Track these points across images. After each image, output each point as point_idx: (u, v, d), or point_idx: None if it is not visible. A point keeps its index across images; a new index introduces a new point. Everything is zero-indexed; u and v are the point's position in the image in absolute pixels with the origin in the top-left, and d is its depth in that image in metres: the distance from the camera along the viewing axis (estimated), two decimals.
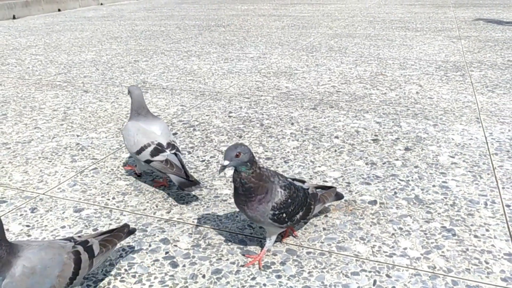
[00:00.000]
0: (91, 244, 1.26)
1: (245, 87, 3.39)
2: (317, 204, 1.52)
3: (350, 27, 6.08)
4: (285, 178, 1.44)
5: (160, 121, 1.91)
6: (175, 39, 5.60)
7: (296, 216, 1.43)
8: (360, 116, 2.71)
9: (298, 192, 1.43)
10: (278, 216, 1.37)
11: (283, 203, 1.37)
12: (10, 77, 3.92)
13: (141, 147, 1.80)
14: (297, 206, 1.42)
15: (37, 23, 7.81)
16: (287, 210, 1.39)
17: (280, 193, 1.37)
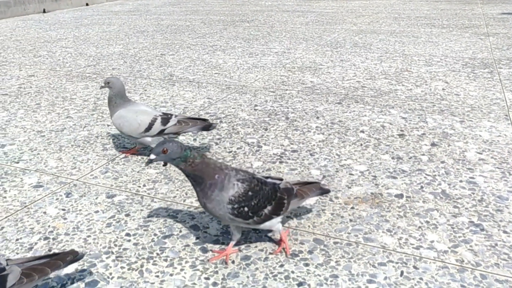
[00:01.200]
0: (7, 273, 1.08)
1: (270, 81, 3.42)
2: (293, 199, 1.45)
3: (374, 24, 6.03)
4: (246, 173, 1.39)
5: (141, 103, 2.18)
6: (200, 34, 5.66)
7: (264, 211, 1.38)
8: (385, 111, 2.71)
9: (262, 185, 1.38)
10: (239, 210, 1.33)
11: (242, 196, 1.33)
12: (42, 69, 4.03)
13: (149, 123, 2.03)
14: (263, 200, 1.37)
15: (66, 16, 7.97)
16: (249, 203, 1.34)
17: (236, 185, 1.33)
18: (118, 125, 2.08)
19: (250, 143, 2.30)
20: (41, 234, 1.56)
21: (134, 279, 1.34)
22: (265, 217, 1.39)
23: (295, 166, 2.03)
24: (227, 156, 2.16)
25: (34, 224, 1.62)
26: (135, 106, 2.09)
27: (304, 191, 1.50)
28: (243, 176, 1.37)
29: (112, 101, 2.09)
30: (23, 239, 1.53)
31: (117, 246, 1.49)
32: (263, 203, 1.37)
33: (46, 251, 1.47)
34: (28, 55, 4.68)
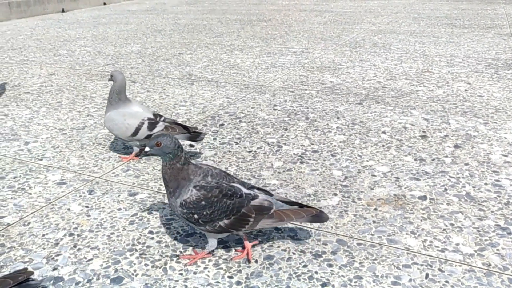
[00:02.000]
0: None
1: (289, 81, 3.41)
2: (265, 218, 1.38)
3: (393, 23, 5.97)
4: (220, 180, 1.37)
5: (135, 102, 2.13)
6: (218, 33, 5.67)
7: (219, 223, 1.35)
8: (407, 112, 2.68)
9: (224, 198, 1.34)
10: (188, 215, 1.34)
11: (193, 203, 1.32)
12: (63, 67, 4.08)
13: (135, 128, 2.00)
14: (218, 212, 1.33)
15: (84, 16, 8.06)
16: (200, 212, 1.32)
17: (191, 191, 1.33)
18: (108, 128, 2.06)
19: (270, 143, 2.29)
20: (66, 230, 1.58)
21: (158, 276, 1.35)
22: (220, 229, 1.36)
23: (316, 167, 2.02)
24: (248, 155, 2.16)
25: (59, 220, 1.64)
26: (127, 108, 2.03)
27: (287, 214, 1.40)
28: (205, 183, 1.34)
29: (110, 97, 2.06)
30: (49, 235, 1.55)
31: (141, 244, 1.50)
32: (218, 215, 1.34)
33: (72, 247, 1.49)
34: (48, 54, 4.74)
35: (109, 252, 1.46)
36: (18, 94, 3.25)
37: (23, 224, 1.62)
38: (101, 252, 1.46)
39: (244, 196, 1.37)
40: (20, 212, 1.70)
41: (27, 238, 1.54)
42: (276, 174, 1.97)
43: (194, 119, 2.65)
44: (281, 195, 1.78)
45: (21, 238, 1.54)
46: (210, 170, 1.39)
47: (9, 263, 1.41)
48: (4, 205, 1.75)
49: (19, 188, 1.89)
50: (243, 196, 1.37)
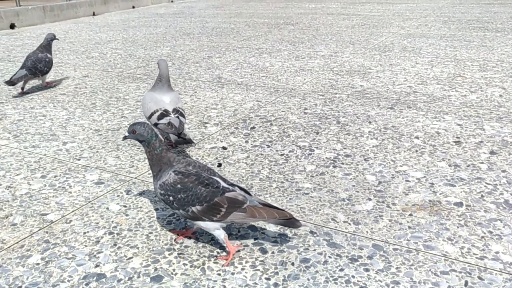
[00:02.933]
0: None
1: (318, 84, 3.41)
2: (237, 211, 1.41)
3: (423, 27, 5.90)
4: (196, 169, 1.45)
5: (173, 93, 2.28)
6: (246, 36, 5.71)
7: (192, 208, 1.41)
8: (439, 117, 2.65)
9: (200, 185, 1.41)
10: (164, 197, 1.44)
11: (169, 185, 1.43)
12: (95, 69, 4.18)
13: (151, 112, 2.19)
14: (192, 198, 1.41)
15: (114, 19, 8.23)
16: (175, 195, 1.42)
17: (169, 175, 1.44)
18: (141, 104, 2.30)
19: (302, 147, 2.30)
20: (105, 229, 1.63)
21: (197, 276, 1.38)
22: (193, 215, 1.43)
23: (350, 171, 2.02)
24: (280, 159, 2.17)
25: (98, 219, 1.69)
26: (158, 94, 2.24)
27: (260, 212, 1.42)
28: (185, 170, 1.45)
29: (155, 81, 2.30)
30: (90, 233, 1.60)
31: (179, 244, 1.53)
32: (191, 201, 1.41)
33: (112, 245, 1.53)
34: (81, 56, 4.86)
35: (148, 251, 1.50)
36: (55, 96, 3.34)
37: (65, 222, 1.68)
38: (140, 251, 1.50)
39: (221, 188, 1.44)
40: (62, 210, 1.76)
41: (70, 235, 1.59)
42: (309, 177, 1.98)
43: (225, 122, 2.68)
44: (314, 199, 1.79)
45: (64, 235, 1.59)
46: (195, 163, 1.50)
47: (54, 258, 1.47)
48: (46, 202, 1.82)
49: (60, 186, 1.95)
50: (219, 187, 1.44)
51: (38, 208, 1.78)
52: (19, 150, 2.34)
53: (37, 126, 2.71)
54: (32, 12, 7.56)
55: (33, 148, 2.38)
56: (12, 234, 1.61)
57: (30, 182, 1.99)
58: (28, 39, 6.12)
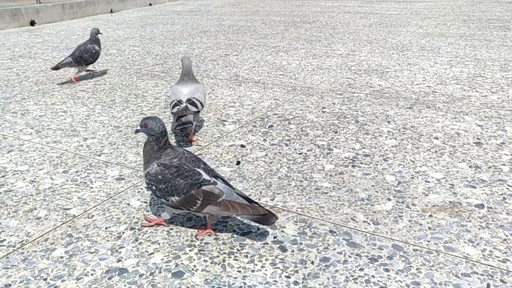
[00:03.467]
0: None
1: (336, 83, 3.40)
2: (212, 204, 1.48)
3: (442, 26, 5.84)
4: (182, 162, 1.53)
5: (194, 85, 2.42)
6: (262, 34, 5.71)
7: (171, 199, 1.52)
8: (459, 118, 2.62)
9: (179, 177, 1.51)
10: (149, 185, 1.56)
11: (152, 176, 1.54)
12: (114, 66, 4.23)
13: (170, 102, 2.37)
14: (171, 189, 1.51)
15: (132, 16, 8.30)
16: (157, 185, 1.53)
17: (154, 166, 1.55)
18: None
19: (321, 146, 2.30)
20: (127, 224, 1.65)
21: (217, 272, 1.39)
22: (173, 204, 1.53)
23: (369, 171, 2.02)
24: (298, 157, 2.18)
25: (120, 214, 1.72)
26: (181, 86, 2.40)
27: (234, 206, 1.48)
28: (168, 163, 1.54)
29: (180, 75, 2.48)
30: (111, 228, 1.63)
31: (199, 240, 1.55)
32: (171, 191, 1.51)
33: (133, 240, 1.55)
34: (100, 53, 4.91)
35: (169, 247, 1.52)
36: (75, 92, 3.39)
37: (87, 217, 1.71)
38: (161, 247, 1.52)
39: (201, 180, 1.51)
40: (84, 205, 1.79)
41: (92, 230, 1.62)
42: (328, 177, 1.98)
43: (243, 120, 2.69)
44: (333, 198, 1.80)
45: (87, 230, 1.62)
46: (184, 155, 1.58)
47: (77, 252, 1.49)
48: (69, 197, 1.85)
49: (81, 182, 1.98)
50: (199, 180, 1.51)
51: (61, 203, 1.81)
52: (42, 145, 2.39)
53: (58, 122, 2.75)
54: (52, 9, 7.67)
55: (55, 143, 2.42)
56: (37, 228, 1.64)
57: (52, 177, 2.03)
58: (48, 36, 6.21)
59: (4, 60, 4.62)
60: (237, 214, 1.49)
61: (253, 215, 1.48)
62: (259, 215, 1.48)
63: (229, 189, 1.53)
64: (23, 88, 3.54)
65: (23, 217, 1.71)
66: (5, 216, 1.72)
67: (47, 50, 5.15)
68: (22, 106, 3.07)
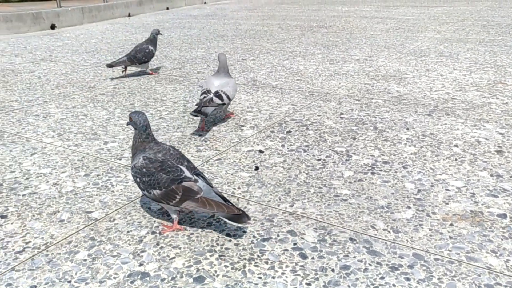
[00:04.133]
0: None
1: (354, 89, 3.39)
2: (189, 200, 1.56)
3: (460, 32, 5.78)
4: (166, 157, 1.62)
5: (225, 79, 2.70)
6: (279, 39, 5.73)
7: (153, 191, 1.60)
8: (479, 125, 2.60)
9: (161, 172, 1.59)
10: (134, 177, 1.65)
11: (138, 169, 1.63)
12: (132, 70, 4.28)
13: (201, 90, 2.67)
14: (153, 182, 1.59)
15: (149, 20, 8.39)
16: (141, 178, 1.62)
17: (139, 159, 1.64)
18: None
19: (339, 152, 2.30)
20: (148, 228, 1.67)
21: (238, 278, 1.40)
22: (154, 197, 1.61)
23: (388, 178, 2.01)
24: (317, 164, 2.18)
25: (141, 218, 1.74)
26: (215, 78, 2.70)
27: (210, 204, 1.55)
28: (153, 157, 1.63)
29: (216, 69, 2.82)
30: (133, 232, 1.65)
31: (219, 245, 1.56)
32: (153, 184, 1.59)
33: (155, 245, 1.57)
34: (119, 57, 4.98)
35: (190, 252, 1.53)
36: (95, 95, 3.44)
37: (109, 220, 1.73)
38: (182, 251, 1.53)
39: (182, 176, 1.59)
40: (106, 208, 1.82)
41: (114, 233, 1.65)
42: (347, 184, 1.97)
43: (261, 125, 2.70)
44: (353, 205, 1.79)
45: (109, 233, 1.65)
46: (169, 151, 1.66)
47: (100, 255, 1.52)
48: (91, 200, 1.88)
49: (103, 185, 2.01)
50: (180, 176, 1.59)
51: (83, 206, 1.84)
52: (63, 149, 2.43)
53: (79, 125, 2.80)
54: (72, 13, 7.80)
55: (76, 146, 2.46)
56: (60, 230, 1.67)
57: (74, 180, 2.07)
58: (67, 39, 6.32)
59: (26, 63, 4.71)
60: (212, 212, 1.56)
61: (228, 214, 1.55)
62: (233, 214, 1.55)
63: (208, 187, 1.60)
64: (45, 91, 3.61)
65: (47, 220, 1.74)
66: (29, 218, 1.76)
67: (67, 53, 5.23)
68: (44, 109, 3.12)
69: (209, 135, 2.57)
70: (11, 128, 2.76)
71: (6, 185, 2.04)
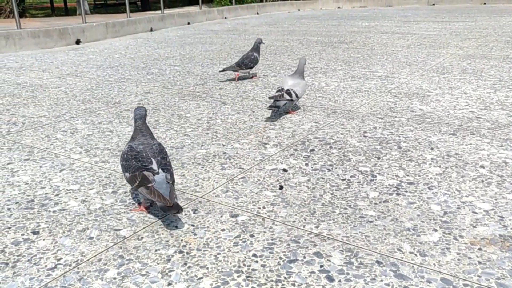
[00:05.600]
0: None
1: (376, 106, 3.39)
2: (143, 187, 1.82)
3: (483, 48, 5.74)
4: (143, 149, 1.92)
5: (298, 80, 3.25)
6: (299, 55, 5.77)
7: (125, 174, 1.92)
8: (506, 146, 2.57)
9: (133, 160, 1.89)
10: (120, 160, 2.01)
11: (122, 153, 1.98)
12: (156, 86, 4.36)
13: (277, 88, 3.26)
14: (127, 166, 1.91)
15: (171, 35, 8.54)
16: (122, 161, 1.97)
17: (126, 146, 1.98)
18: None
19: (364, 172, 2.30)
20: (175, 248, 1.70)
21: None
22: (126, 179, 1.93)
23: (414, 200, 2.00)
24: (341, 183, 2.18)
25: (168, 237, 1.77)
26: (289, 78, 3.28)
27: (156, 193, 1.79)
28: (133, 146, 1.94)
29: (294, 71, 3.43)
30: (161, 251, 1.68)
31: (246, 266, 1.57)
32: (126, 168, 1.91)
33: (182, 264, 1.59)
34: (142, 72, 5.08)
35: (217, 272, 1.55)
36: (120, 111, 3.52)
37: (137, 238, 1.76)
38: (210, 271, 1.55)
39: (148, 167, 1.86)
40: (134, 226, 1.85)
41: (142, 252, 1.68)
42: (372, 205, 1.97)
43: (284, 143, 2.72)
44: (379, 227, 1.79)
45: (137, 252, 1.68)
46: (152, 146, 1.94)
47: (129, 274, 1.55)
48: (119, 218, 1.92)
49: (130, 203, 2.05)
50: (146, 166, 1.86)
51: (111, 223, 1.88)
52: (91, 165, 2.49)
53: (105, 141, 2.86)
54: (96, 28, 7.99)
55: (103, 163, 2.51)
56: (90, 248, 1.71)
57: (102, 197, 2.11)
58: (92, 54, 6.47)
59: (53, 78, 4.84)
60: (154, 199, 1.79)
61: (161, 204, 1.76)
62: (165, 206, 1.76)
63: (165, 181, 1.84)
64: (71, 106, 3.70)
65: (77, 237, 1.79)
66: (60, 234, 1.80)
67: (92, 68, 5.36)
68: (71, 125, 3.20)
69: (232, 153, 2.60)
70: (41, 144, 2.84)
71: (37, 201, 2.09)
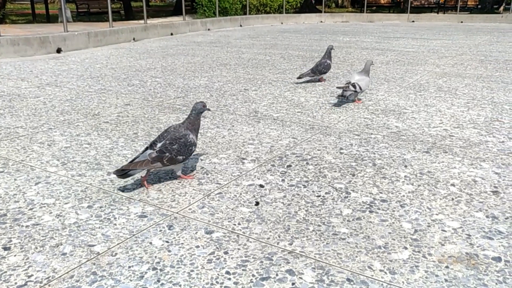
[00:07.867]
0: None
1: (353, 123, 3.46)
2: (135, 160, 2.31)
3: (459, 66, 5.90)
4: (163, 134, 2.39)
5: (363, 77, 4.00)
6: (281, 69, 5.84)
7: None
8: (476, 164, 2.65)
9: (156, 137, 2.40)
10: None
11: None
12: (136, 98, 4.36)
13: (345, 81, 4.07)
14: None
15: (153, 45, 8.55)
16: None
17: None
18: None
19: (338, 189, 2.34)
20: (149, 264, 1.70)
21: None
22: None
23: (386, 217, 2.05)
24: (316, 200, 2.22)
25: (142, 253, 1.77)
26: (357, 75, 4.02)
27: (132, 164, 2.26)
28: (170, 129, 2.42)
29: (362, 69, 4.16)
30: (134, 267, 1.68)
31: (219, 284, 1.59)
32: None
33: (155, 281, 1.60)
34: (123, 83, 5.07)
35: None
36: (99, 124, 3.51)
37: (111, 254, 1.76)
38: None
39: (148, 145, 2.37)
40: (108, 242, 1.85)
41: (115, 268, 1.67)
42: (345, 222, 2.01)
43: (262, 159, 2.75)
44: (351, 245, 1.82)
45: (110, 268, 1.67)
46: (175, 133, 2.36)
47: None
48: (93, 233, 1.91)
49: (105, 218, 2.05)
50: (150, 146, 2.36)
51: (85, 239, 1.87)
52: (67, 178, 2.47)
53: (82, 154, 2.85)
54: (78, 37, 7.95)
55: (80, 176, 2.50)
56: (63, 264, 1.70)
57: (77, 212, 2.10)
58: (73, 63, 6.43)
59: (32, 88, 4.80)
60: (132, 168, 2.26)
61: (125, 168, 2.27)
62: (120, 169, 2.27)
63: (143, 155, 2.30)
64: (50, 117, 3.67)
65: (50, 252, 1.77)
66: (32, 250, 1.79)
67: (72, 78, 5.33)
68: (49, 137, 3.18)
69: (210, 168, 2.62)
70: (16, 156, 2.81)
71: (10, 215, 2.07)
